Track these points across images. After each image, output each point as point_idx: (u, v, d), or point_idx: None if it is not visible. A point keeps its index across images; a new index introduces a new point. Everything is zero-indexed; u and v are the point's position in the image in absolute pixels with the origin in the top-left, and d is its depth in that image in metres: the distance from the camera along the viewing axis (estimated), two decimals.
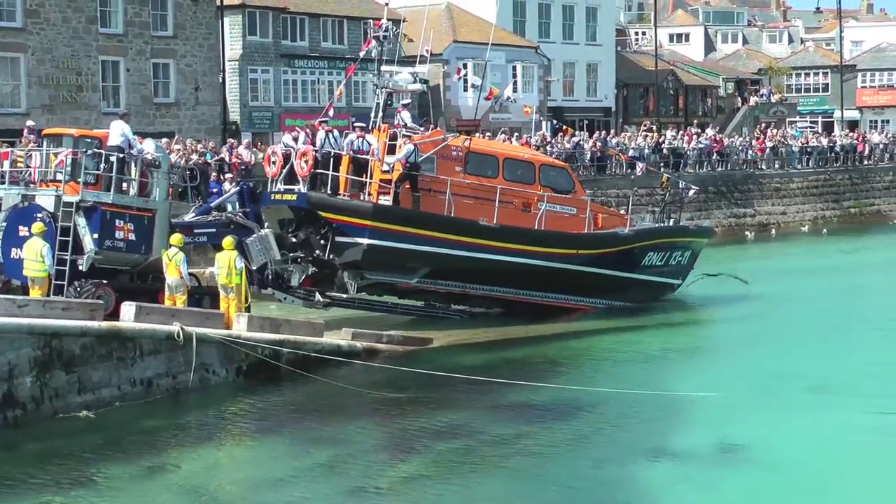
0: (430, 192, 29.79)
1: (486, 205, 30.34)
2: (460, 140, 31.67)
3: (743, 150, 60.13)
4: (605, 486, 18.54)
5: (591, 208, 33.04)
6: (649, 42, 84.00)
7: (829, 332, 31.46)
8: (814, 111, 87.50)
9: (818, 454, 19.94)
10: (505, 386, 23.87)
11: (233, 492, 18.36)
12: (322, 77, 55.86)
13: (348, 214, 28.58)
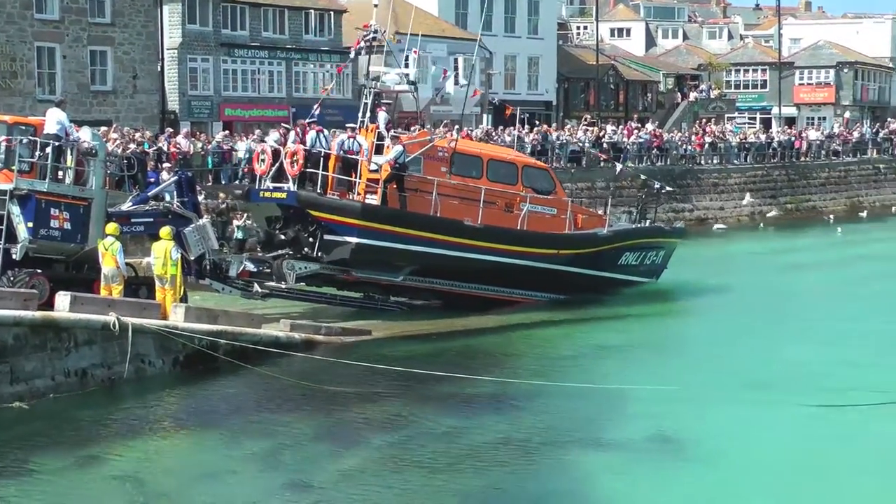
0: (417, 192, 30.44)
1: (470, 205, 31.02)
2: (446, 141, 32.48)
3: (682, 145, 60.43)
4: (541, 477, 18.56)
5: (571, 209, 33.67)
6: (591, 36, 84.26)
7: (768, 328, 31.72)
8: (752, 107, 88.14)
9: (752, 446, 20.03)
10: (444, 378, 23.81)
11: (168, 483, 18.20)
12: (262, 67, 55.46)
13: (337, 213, 29.22)
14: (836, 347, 28.61)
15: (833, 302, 35.70)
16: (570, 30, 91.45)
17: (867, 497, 17.73)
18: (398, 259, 30.10)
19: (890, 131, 76.54)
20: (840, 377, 24.68)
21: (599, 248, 33.72)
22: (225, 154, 40.94)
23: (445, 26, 63.52)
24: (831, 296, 36.79)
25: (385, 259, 29.90)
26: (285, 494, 17.55)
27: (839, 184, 67.41)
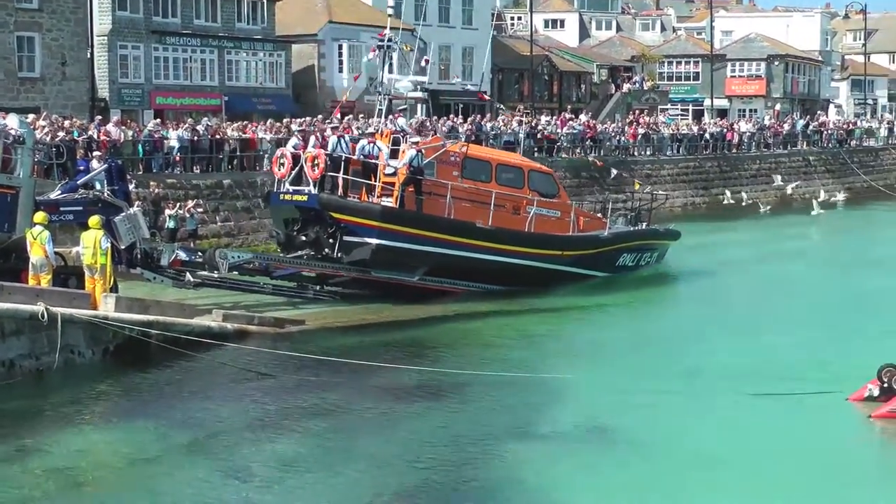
0: (431, 194, 31.53)
1: (480, 208, 32.29)
2: (458, 146, 33.56)
3: (615, 137, 60.61)
4: (475, 467, 18.48)
5: (574, 212, 35.19)
6: (525, 27, 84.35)
7: (707, 318, 32.04)
8: (685, 99, 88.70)
9: (684, 435, 20.18)
10: (378, 368, 23.73)
11: (100, 475, 17.97)
12: (195, 55, 54.92)
13: (359, 216, 30.49)
14: (774, 337, 28.89)
15: (775, 291, 35.97)
16: (504, 20, 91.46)
17: (793, 485, 17.86)
18: (415, 260, 31.25)
19: (819, 124, 77.40)
20: (776, 367, 24.88)
21: (600, 250, 35.26)
22: (156, 142, 40.47)
23: (380, 16, 63.01)
24: (773, 286, 37.04)
25: (403, 260, 31.06)
26: (218, 485, 17.37)
27: (770, 175, 67.94)
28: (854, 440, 20.56)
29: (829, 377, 23.11)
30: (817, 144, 74.34)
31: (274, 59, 57.28)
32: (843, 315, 32.50)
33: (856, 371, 22.72)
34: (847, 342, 27.99)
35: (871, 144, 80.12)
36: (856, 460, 19.35)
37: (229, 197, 41.24)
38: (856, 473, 18.62)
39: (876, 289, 36.89)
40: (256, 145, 43.54)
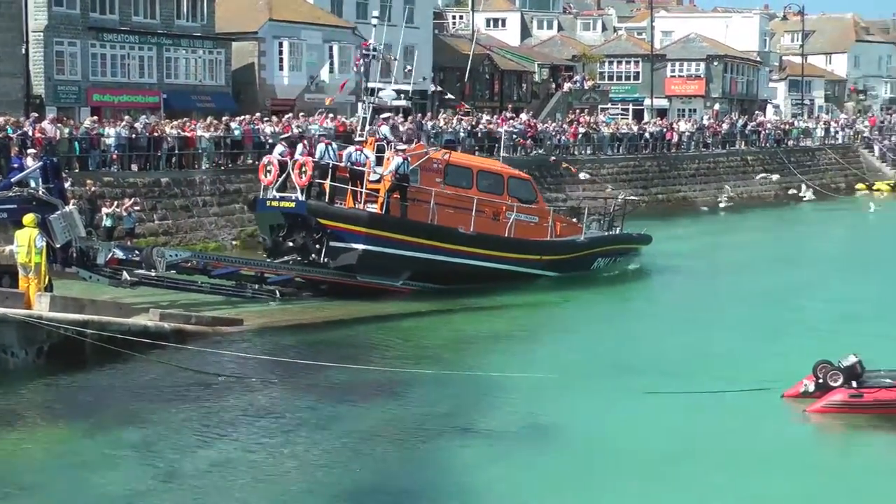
0: (415, 201, 32.37)
1: (462, 213, 33.19)
2: (440, 153, 34.30)
3: (556, 135, 60.75)
4: (416, 465, 18.51)
5: (552, 217, 36.13)
6: (466, 26, 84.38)
7: (650, 315, 32.25)
8: (625, 98, 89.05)
9: (623, 433, 20.24)
10: (318, 367, 23.63)
11: (34, 477, 17.65)
12: (133, 52, 54.37)
13: (345, 222, 31.31)
14: (713, 335, 29.18)
15: (717, 289, 36.19)
16: (446, 19, 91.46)
17: (729, 480, 18.01)
18: (400, 265, 31.94)
19: (757, 124, 78.03)
20: (715, 364, 25.11)
21: (577, 255, 36.25)
22: (93, 140, 40.12)
23: (321, 14, 63.08)
24: (716, 283, 37.25)
25: (388, 264, 31.72)
26: (156, 486, 17.18)
27: (708, 175, 68.43)
28: (790, 435, 20.74)
29: (766, 374, 23.26)
30: (755, 144, 74.98)
31: (213, 57, 56.88)
32: (780, 312, 32.79)
33: (792, 368, 22.91)
34: (783, 339, 28.25)
35: (807, 144, 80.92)
36: (791, 454, 19.46)
37: (167, 195, 41.00)
38: (791, 467, 18.75)
39: (812, 285, 37.33)
40: (195, 143, 43.30)
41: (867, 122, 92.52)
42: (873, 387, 21.26)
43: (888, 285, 37.44)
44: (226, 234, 42.04)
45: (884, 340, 27.28)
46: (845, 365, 21.49)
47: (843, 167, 79.87)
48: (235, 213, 43.03)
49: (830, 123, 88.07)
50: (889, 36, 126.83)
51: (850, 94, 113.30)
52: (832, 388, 21.37)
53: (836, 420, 21.09)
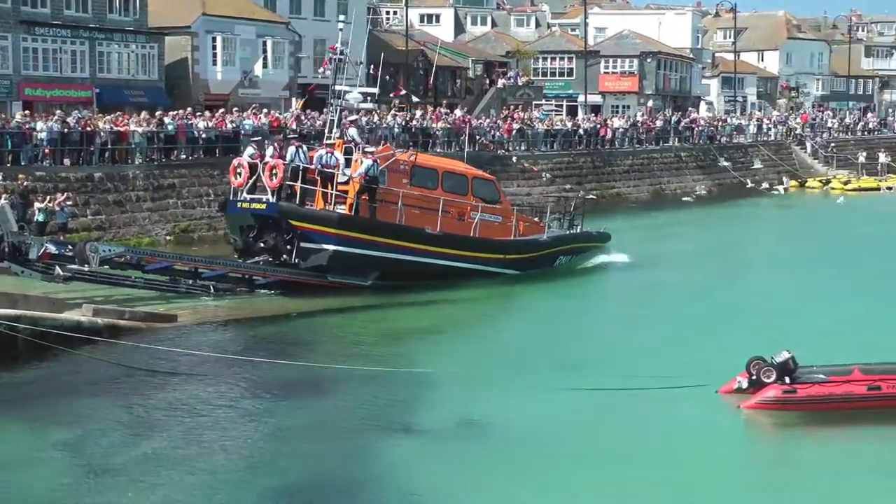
0: (383, 202, 32.95)
1: (428, 214, 33.84)
2: (407, 155, 35.03)
3: (490, 132, 60.89)
4: (348, 461, 18.46)
5: (515, 217, 36.80)
6: (400, 22, 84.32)
7: (583, 314, 32.45)
8: (559, 95, 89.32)
9: (559, 430, 20.36)
10: (251, 363, 23.60)
11: None
12: (65, 46, 53.76)
13: (316, 223, 31.81)
14: (649, 333, 29.28)
15: (659, 285, 36.40)
16: (379, 15, 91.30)
17: (664, 476, 18.15)
18: (369, 264, 32.53)
19: (691, 120, 78.64)
20: (650, 362, 25.19)
21: (539, 253, 37.07)
22: (24, 134, 39.70)
23: (254, 9, 62.77)
24: (658, 279, 37.44)
25: (357, 264, 32.32)
26: (88, 482, 17.11)
27: (642, 171, 68.90)
28: (724, 431, 20.91)
29: (702, 370, 23.37)
30: (688, 141, 75.55)
31: (146, 52, 56.40)
32: (715, 310, 33.08)
33: (727, 364, 23.09)
34: (718, 336, 28.48)
35: (740, 141, 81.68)
36: (725, 450, 19.67)
37: (100, 190, 40.69)
38: (725, 463, 18.95)
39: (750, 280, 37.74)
40: (128, 138, 42.97)
41: (799, 119, 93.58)
42: (806, 383, 21.47)
43: (823, 280, 37.96)
44: (160, 230, 41.80)
45: (816, 336, 27.66)
46: (778, 361, 21.65)
47: (776, 164, 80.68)
48: (169, 208, 42.81)
49: (763, 120, 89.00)
50: (820, 33, 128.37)
51: (783, 92, 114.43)
52: (766, 385, 21.57)
53: (769, 416, 21.26)
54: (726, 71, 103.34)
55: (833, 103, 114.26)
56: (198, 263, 31.40)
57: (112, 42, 55.30)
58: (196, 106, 52.12)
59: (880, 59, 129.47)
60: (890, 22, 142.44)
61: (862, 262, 42.24)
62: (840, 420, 20.91)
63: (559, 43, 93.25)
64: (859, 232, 53.24)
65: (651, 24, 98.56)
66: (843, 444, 20.15)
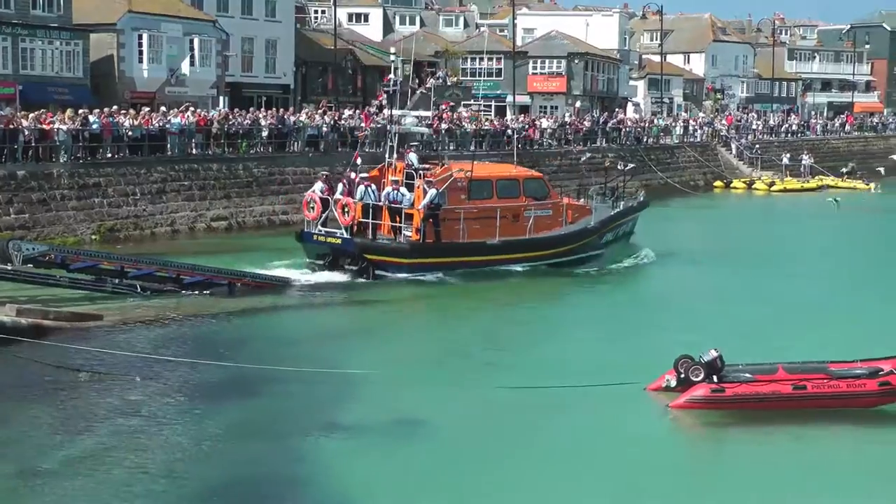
0: (445, 220, 35.39)
1: (486, 222, 36.25)
2: (463, 172, 36.66)
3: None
4: (280, 462, 18.36)
5: (563, 205, 39.56)
6: (329, 20, 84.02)
7: (514, 313, 32.40)
8: (487, 95, 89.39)
9: (487, 428, 20.40)
10: (178, 364, 23.38)
11: None
12: None
13: (388, 255, 34.57)
14: (577, 331, 29.49)
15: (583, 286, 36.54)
16: (307, 13, 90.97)
17: (593, 474, 18.25)
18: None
19: (618, 121, 79.11)
20: (579, 360, 25.37)
21: (589, 239, 39.65)
22: None
23: (181, 6, 62.26)
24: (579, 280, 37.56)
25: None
26: (13, 485, 16.80)
27: (570, 172, 69.07)
28: (652, 430, 20.97)
29: (629, 368, 23.48)
30: (616, 142, 75.98)
31: (71, 48, 55.66)
32: (644, 308, 33.31)
33: (655, 362, 23.23)
34: (647, 335, 28.66)
35: (667, 142, 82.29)
36: (653, 449, 19.69)
37: (24, 189, 40.17)
38: (653, 462, 18.98)
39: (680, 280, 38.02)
40: (53, 136, 42.44)
41: (724, 120, 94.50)
42: (734, 382, 21.63)
43: (752, 278, 38.37)
44: (85, 229, 41.34)
45: (742, 334, 27.95)
46: (706, 360, 21.79)
47: (702, 165, 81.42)
48: (95, 207, 42.34)
49: (689, 122, 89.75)
50: (745, 36, 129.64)
51: (708, 93, 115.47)
52: (694, 384, 21.68)
53: (698, 415, 21.35)
54: (653, 72, 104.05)
55: (757, 105, 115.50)
56: (124, 262, 31.06)
57: (35, 38, 54.54)
58: (122, 104, 51.58)
59: (803, 62, 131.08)
60: (812, 25, 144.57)
61: (788, 262, 42.76)
62: (766, 419, 21.06)
63: (488, 43, 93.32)
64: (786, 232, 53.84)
65: (579, 25, 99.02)
66: (769, 443, 20.26)
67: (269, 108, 57.66)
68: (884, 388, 21.45)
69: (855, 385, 21.46)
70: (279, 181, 50.87)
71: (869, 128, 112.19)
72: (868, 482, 18.44)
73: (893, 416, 21.64)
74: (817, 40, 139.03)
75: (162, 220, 44.56)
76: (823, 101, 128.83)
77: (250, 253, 38.83)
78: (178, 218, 45.31)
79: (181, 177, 46.46)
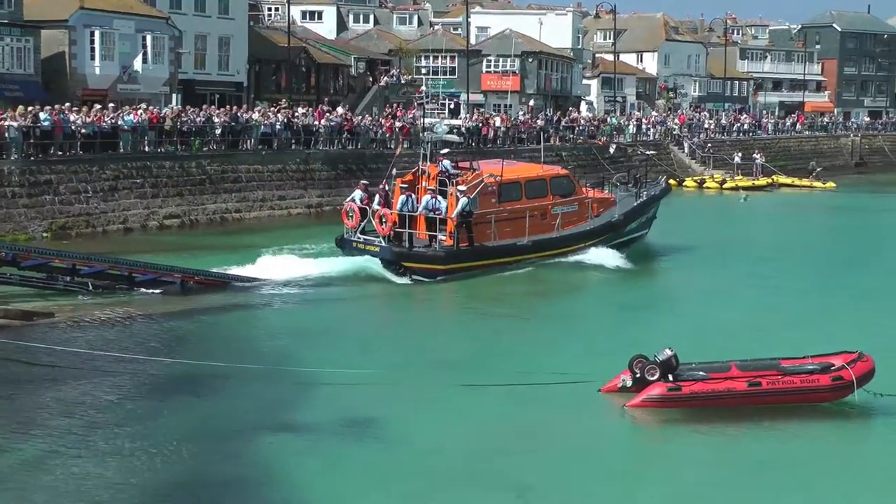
0: (477, 224, 36.62)
1: (516, 223, 37.66)
2: (493, 177, 37.83)
3: (373, 129, 60.79)
4: (232, 460, 18.30)
5: (588, 198, 41.07)
6: (282, 18, 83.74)
7: (468, 313, 32.52)
8: (442, 93, 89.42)
9: (441, 428, 20.37)
10: (132, 361, 23.28)
11: None
12: None
13: (425, 262, 35.68)
14: (532, 331, 29.50)
15: (539, 287, 36.57)
16: (261, 11, 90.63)
17: (550, 475, 18.24)
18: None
19: (571, 120, 79.30)
20: (533, 360, 25.38)
21: (614, 231, 41.04)
22: None
23: (134, 3, 61.77)
24: (536, 278, 37.61)
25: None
26: None
27: None
28: (609, 430, 21.03)
29: (585, 368, 23.46)
30: (569, 140, 76.15)
31: (22, 45, 55.09)
32: (600, 308, 33.41)
33: (610, 362, 23.25)
34: (603, 334, 28.75)
35: (620, 141, 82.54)
36: (611, 450, 19.79)
37: None
38: (613, 462, 19.08)
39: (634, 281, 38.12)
40: (3, 133, 42.07)
41: (677, 119, 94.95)
42: (689, 380, 21.70)
43: (704, 277, 38.57)
44: (36, 226, 41.04)
45: (695, 332, 28.09)
46: (661, 359, 21.84)
47: (655, 163, 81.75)
48: (46, 204, 42.02)
49: (642, 121, 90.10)
50: (697, 35, 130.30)
51: (661, 92, 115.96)
52: (650, 383, 21.72)
53: (654, 414, 21.37)
54: (606, 71, 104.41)
55: (710, 104, 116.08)
56: (76, 260, 30.83)
57: None
58: (74, 101, 51.17)
59: (755, 61, 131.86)
60: (763, 25, 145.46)
61: (740, 259, 43.02)
62: (722, 416, 21.14)
63: (441, 42, 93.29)
64: (735, 229, 54.13)
65: (532, 24, 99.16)
66: (728, 440, 20.35)
67: (222, 106, 57.37)
68: (836, 383, 21.62)
69: (809, 381, 21.63)
70: (232, 179, 50.71)
71: (819, 127, 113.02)
72: (823, 478, 18.57)
73: (845, 412, 21.81)
74: (769, 40, 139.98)
75: (114, 218, 44.30)
76: (775, 100, 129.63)
77: (213, 253, 38.67)
78: (131, 216, 45.07)
79: (134, 174, 46.20)
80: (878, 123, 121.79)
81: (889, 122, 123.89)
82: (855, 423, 21.62)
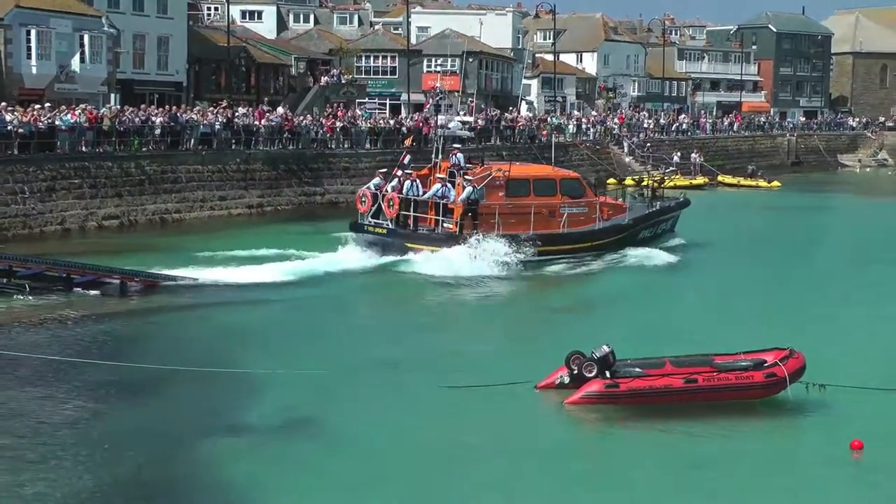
0: (483, 215, 38.53)
1: (522, 217, 39.17)
2: (502, 172, 39.90)
3: (313, 129, 60.73)
4: (176, 463, 18.28)
5: (600, 203, 42.62)
6: (222, 17, 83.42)
7: (406, 315, 32.50)
8: (382, 93, 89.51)
9: (383, 428, 20.39)
10: (73, 364, 23.05)
11: None
12: None
13: (428, 243, 37.80)
14: (466, 331, 29.59)
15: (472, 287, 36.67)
16: (200, 10, 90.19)
17: (487, 474, 18.37)
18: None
19: (512, 119, 79.55)
20: (470, 360, 25.50)
21: (622, 235, 42.54)
22: None
23: (71, 2, 61.30)
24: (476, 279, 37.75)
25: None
26: None
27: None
28: (550, 427, 21.15)
29: (521, 367, 23.54)
30: (510, 140, 76.40)
31: None
32: (534, 306, 33.56)
33: (546, 359, 23.40)
34: (538, 332, 28.90)
35: (560, 140, 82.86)
36: (550, 447, 19.82)
37: None
38: (553, 459, 19.13)
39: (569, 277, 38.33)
40: None
41: (617, 119, 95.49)
42: (626, 377, 21.86)
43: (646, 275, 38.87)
44: None
45: (630, 328, 28.31)
46: (599, 356, 21.97)
47: (595, 163, 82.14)
48: None
49: (582, 120, 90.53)
50: (636, 36, 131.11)
51: (601, 92, 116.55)
52: (588, 379, 21.86)
53: (593, 411, 21.45)
54: (546, 71, 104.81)
55: (649, 104, 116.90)
56: (12, 262, 30.62)
57: None
58: (10, 100, 50.74)
59: (692, 61, 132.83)
60: (701, 26, 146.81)
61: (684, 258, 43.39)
62: (660, 412, 21.33)
63: (382, 41, 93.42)
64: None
65: (473, 24, 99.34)
66: (666, 435, 20.49)
67: (161, 106, 57.09)
68: (770, 380, 21.86)
69: (743, 377, 21.84)
70: (172, 179, 50.48)
71: (756, 127, 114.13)
72: (757, 474, 18.78)
73: (777, 408, 22.08)
74: (706, 41, 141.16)
75: (52, 219, 43.96)
76: (713, 100, 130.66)
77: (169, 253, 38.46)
78: (69, 216, 44.74)
79: (71, 175, 45.86)
80: (813, 123, 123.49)
81: (824, 122, 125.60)
82: (787, 420, 21.84)
